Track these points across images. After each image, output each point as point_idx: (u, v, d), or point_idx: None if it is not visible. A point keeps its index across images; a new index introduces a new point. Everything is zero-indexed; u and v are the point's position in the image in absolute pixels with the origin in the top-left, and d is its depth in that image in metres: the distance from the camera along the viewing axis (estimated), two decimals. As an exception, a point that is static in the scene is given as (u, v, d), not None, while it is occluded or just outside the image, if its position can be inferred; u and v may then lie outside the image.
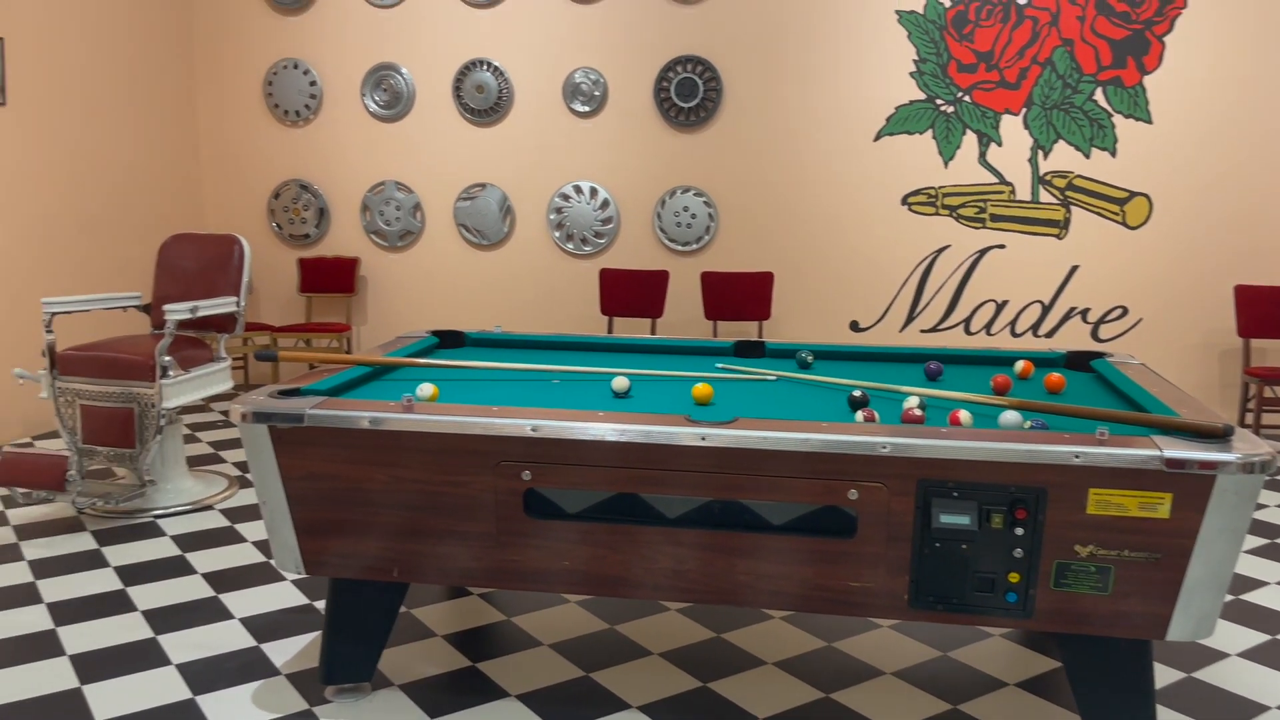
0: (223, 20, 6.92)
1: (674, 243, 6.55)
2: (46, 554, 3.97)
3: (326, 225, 7.00)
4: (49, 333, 4.41)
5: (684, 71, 6.35)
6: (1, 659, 3.09)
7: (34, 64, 5.65)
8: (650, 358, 3.60)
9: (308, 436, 2.58)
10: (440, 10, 6.63)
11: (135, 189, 6.47)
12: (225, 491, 4.75)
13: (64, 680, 2.96)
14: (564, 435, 2.45)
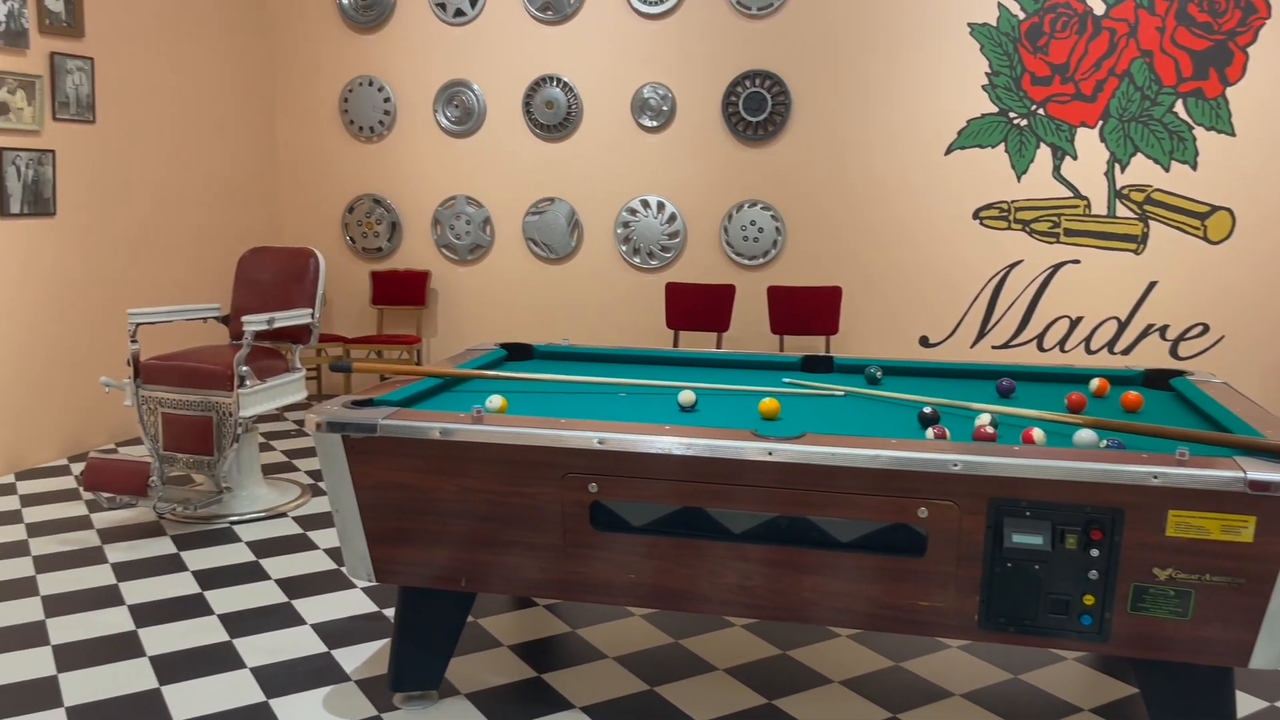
0: (302, 39, 7.10)
1: (740, 256, 6.54)
2: (129, 557, 4.09)
3: (398, 239, 7.13)
4: (134, 343, 4.56)
5: (752, 86, 6.35)
6: (86, 658, 3.19)
7: (122, 84, 5.86)
8: (716, 372, 3.59)
9: (380, 446, 2.63)
10: (511, 27, 6.73)
11: (216, 204, 6.66)
12: (298, 499, 4.85)
13: (144, 680, 3.05)
14: (630, 448, 2.46)
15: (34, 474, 5.27)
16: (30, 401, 5.39)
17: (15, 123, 5.18)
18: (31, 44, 5.26)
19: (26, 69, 5.24)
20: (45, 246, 5.42)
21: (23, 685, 3.01)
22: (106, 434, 5.92)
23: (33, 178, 5.29)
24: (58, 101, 5.42)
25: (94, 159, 5.70)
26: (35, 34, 5.28)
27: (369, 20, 6.92)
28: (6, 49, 5.12)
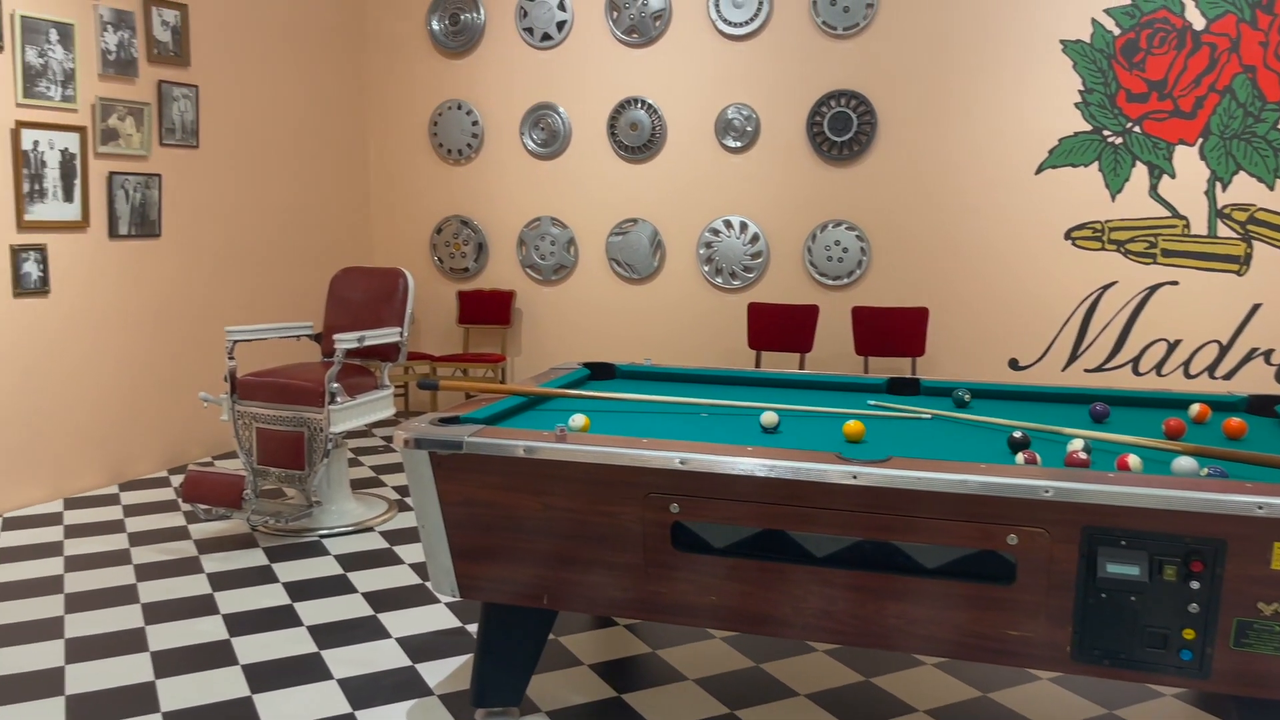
0: (393, 65, 7.29)
1: (824, 277, 6.49)
2: (223, 568, 4.22)
3: (485, 259, 7.25)
4: (231, 359, 4.71)
5: (838, 105, 6.31)
6: (182, 665, 3.29)
7: (223, 110, 6.09)
8: (799, 393, 3.57)
9: (466, 463, 2.67)
10: (597, 51, 6.81)
11: (310, 225, 6.86)
12: (385, 514, 4.94)
13: (236, 688, 3.13)
14: (712, 469, 2.46)
15: (136, 485, 5.47)
16: (133, 415, 5.60)
17: (125, 148, 5.41)
18: (141, 73, 5.50)
19: (136, 97, 5.48)
20: (150, 266, 5.64)
21: (123, 690, 3.12)
22: (204, 447, 6.12)
23: (140, 200, 5.52)
24: (164, 128, 5.66)
25: (196, 182, 5.93)
26: (144, 63, 5.52)
27: (459, 45, 7.08)
28: (117, 78, 5.37)
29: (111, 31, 5.30)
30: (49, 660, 3.32)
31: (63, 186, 5.10)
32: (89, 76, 5.21)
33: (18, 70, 4.84)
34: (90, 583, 4.02)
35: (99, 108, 5.24)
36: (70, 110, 5.11)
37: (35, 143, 4.94)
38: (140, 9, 5.47)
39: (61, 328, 5.17)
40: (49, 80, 4.98)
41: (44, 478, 5.13)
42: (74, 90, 5.11)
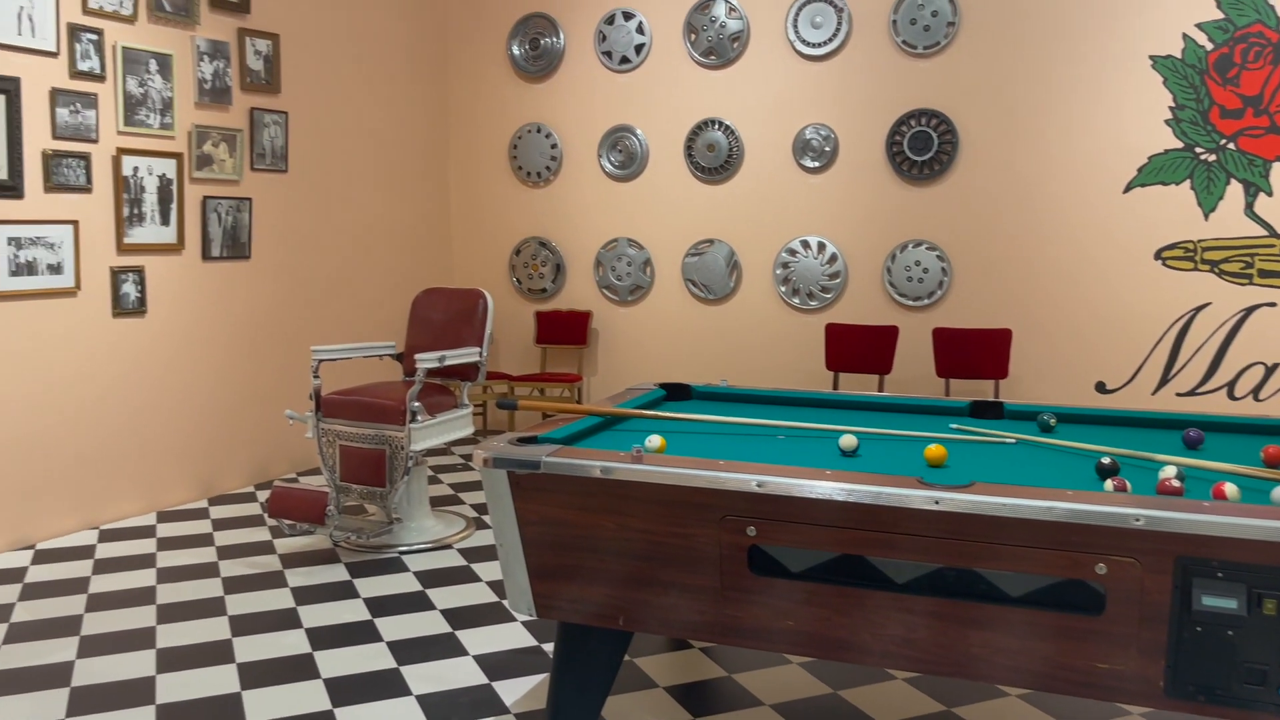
0: (475, 89, 7.43)
1: (904, 297, 6.40)
2: (306, 582, 4.31)
3: (562, 280, 7.32)
4: (316, 378, 4.83)
5: (918, 125, 6.24)
6: (267, 678, 3.37)
7: (311, 136, 6.27)
8: (879, 415, 3.52)
9: (543, 483, 2.69)
10: (675, 73, 6.85)
11: (393, 246, 7.01)
12: (463, 532, 5.00)
13: (319, 702, 3.19)
14: (790, 492, 2.43)
15: (224, 500, 5.63)
16: (223, 431, 5.77)
17: (218, 173, 5.60)
18: (234, 101, 5.69)
19: (229, 123, 5.67)
20: (240, 287, 5.82)
21: (211, 701, 3.20)
22: (289, 463, 6.27)
23: (231, 223, 5.71)
24: (255, 153, 5.84)
25: (285, 206, 6.10)
26: (237, 91, 5.72)
27: (539, 70, 7.18)
28: (212, 106, 5.56)
29: (207, 61, 5.50)
30: (141, 669, 3.42)
31: (160, 210, 5.29)
32: (185, 104, 5.41)
33: (119, 99, 5.05)
34: (181, 594, 4.14)
35: (194, 134, 5.44)
36: (168, 137, 5.31)
37: (135, 169, 5.14)
38: (235, 39, 5.67)
39: (157, 346, 5.35)
40: (148, 109, 5.19)
41: (139, 491, 5.31)
42: (171, 118, 5.31)
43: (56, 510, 4.90)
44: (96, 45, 4.92)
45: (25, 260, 4.67)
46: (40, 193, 4.73)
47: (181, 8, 5.33)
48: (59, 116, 4.78)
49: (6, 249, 4.58)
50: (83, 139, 4.90)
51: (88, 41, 4.87)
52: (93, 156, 4.95)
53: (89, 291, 5.00)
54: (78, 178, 4.88)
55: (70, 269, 4.87)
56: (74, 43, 4.82)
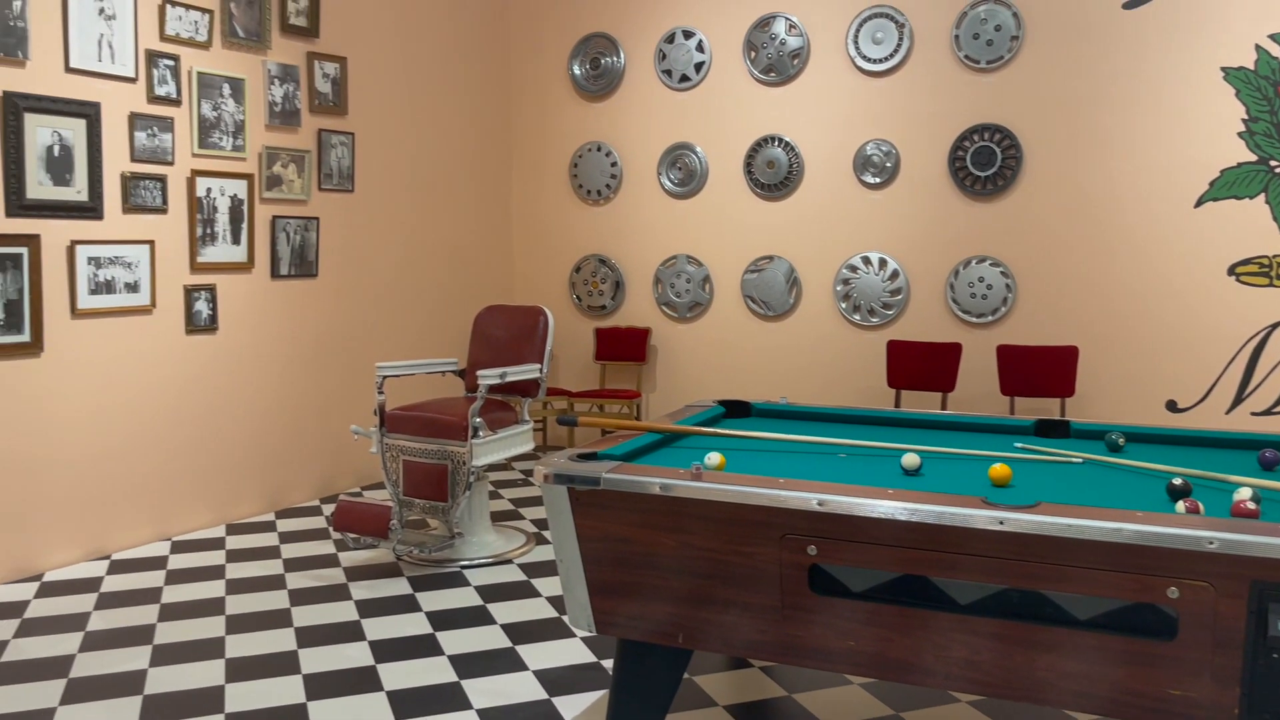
0: (538, 109, 7.52)
1: (967, 314, 6.32)
2: (370, 595, 4.37)
3: (621, 297, 7.36)
4: (380, 394, 4.91)
5: (981, 140, 6.18)
6: (331, 689, 3.42)
7: (377, 156, 6.39)
8: (942, 434, 3.48)
9: (603, 499, 2.70)
10: (735, 91, 6.87)
11: (456, 264, 7.11)
12: (523, 547, 5.04)
13: (382, 714, 3.24)
14: (851, 511, 2.42)
15: (291, 513, 5.74)
16: (290, 446, 5.89)
17: (287, 193, 5.74)
18: (303, 123, 5.83)
19: (298, 145, 5.81)
20: (307, 304, 5.95)
21: (277, 711, 3.26)
22: (354, 478, 6.37)
23: (299, 242, 5.84)
24: (323, 173, 5.98)
25: (351, 224, 6.23)
26: (306, 113, 5.86)
27: (599, 89, 7.25)
28: (282, 128, 5.71)
29: (278, 85, 5.64)
30: (211, 679, 3.50)
31: (231, 230, 5.44)
32: (256, 127, 5.56)
33: (194, 123, 5.20)
34: (249, 605, 4.23)
35: (265, 156, 5.58)
36: (239, 159, 5.46)
37: (208, 190, 5.29)
38: (304, 63, 5.81)
39: (227, 363, 5.49)
40: (221, 131, 5.34)
41: (209, 504, 5.43)
42: (243, 140, 5.46)
43: (131, 521, 5.04)
44: (173, 71, 5.08)
45: (104, 279, 4.82)
46: (119, 214, 4.89)
47: (254, 33, 5.48)
48: (137, 140, 4.94)
49: (86, 268, 4.74)
50: (159, 161, 5.05)
51: (165, 67, 5.04)
52: (168, 178, 5.11)
53: (163, 309, 5.14)
54: (154, 199, 5.03)
55: (146, 287, 5.02)
56: (152, 69, 4.98)
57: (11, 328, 4.46)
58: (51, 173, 4.58)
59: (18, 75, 4.44)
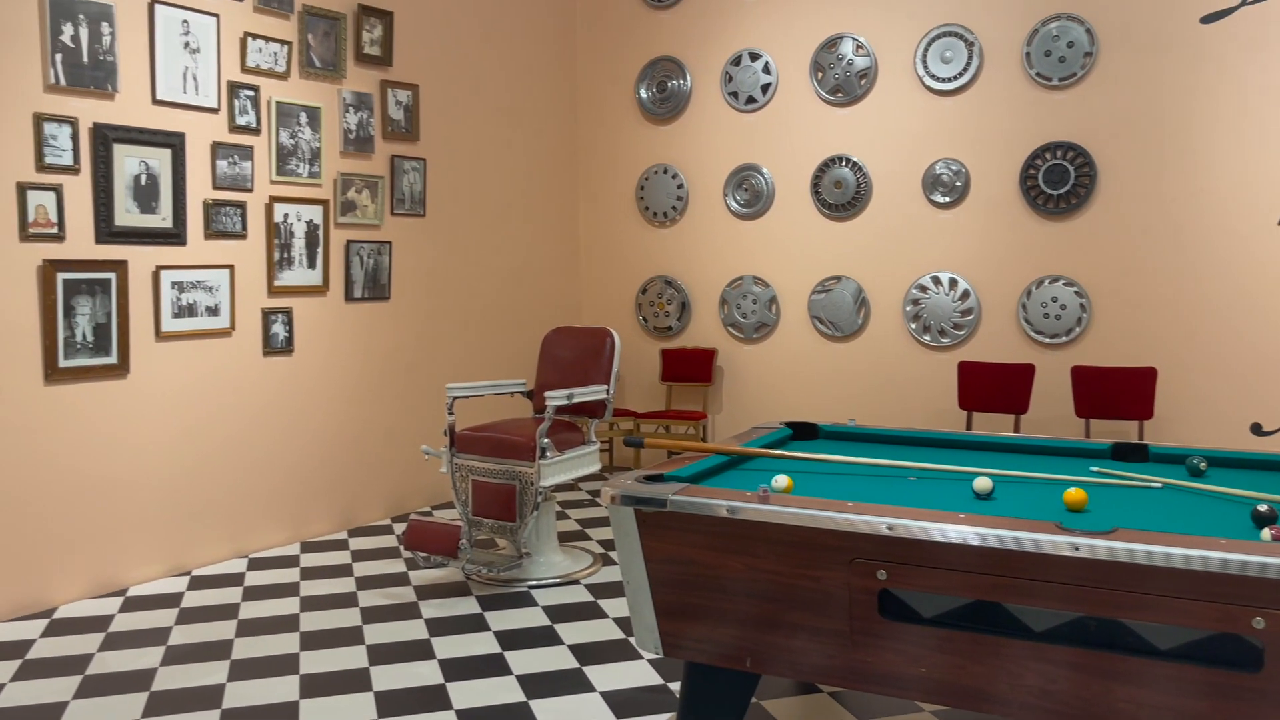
0: (605, 133, 7.60)
1: (1040, 335, 6.20)
2: (439, 614, 4.42)
3: (687, 318, 7.37)
4: (450, 414, 4.98)
5: (1053, 158, 6.08)
6: (402, 707, 3.47)
7: (447, 181, 6.51)
8: (1014, 457, 3.42)
9: (670, 521, 2.71)
10: (801, 111, 6.86)
11: (524, 286, 7.20)
12: (590, 568, 5.05)
13: (450, 732, 3.27)
14: (921, 536, 2.39)
15: (363, 531, 5.84)
16: (362, 465, 6.00)
17: (361, 218, 5.87)
18: (376, 149, 5.97)
19: (371, 170, 5.95)
20: (380, 327, 6.07)
21: (349, 726, 3.31)
22: (425, 497, 6.46)
23: (373, 266, 5.97)
24: (395, 198, 6.11)
25: (422, 248, 6.34)
26: (379, 140, 5.99)
27: (665, 112, 7.30)
28: (356, 154, 5.85)
29: (352, 112, 5.79)
30: (286, 694, 3.57)
31: (307, 254, 5.58)
32: (332, 154, 5.71)
33: (272, 150, 5.36)
34: (322, 623, 4.31)
35: (339, 182, 5.72)
36: (315, 185, 5.61)
37: (285, 215, 5.44)
38: (377, 91, 5.96)
39: (302, 384, 5.62)
40: (298, 158, 5.49)
41: (285, 522, 5.56)
42: (319, 167, 5.60)
43: (211, 538, 5.18)
44: (253, 101, 5.24)
45: (186, 303, 4.98)
46: (201, 239, 5.05)
47: (330, 63, 5.63)
48: (219, 168, 5.10)
49: (170, 292, 4.90)
50: (239, 188, 5.21)
51: (245, 98, 5.20)
52: (248, 205, 5.26)
53: (242, 331, 5.29)
54: (234, 225, 5.19)
55: (226, 310, 5.17)
56: (233, 99, 5.15)
57: (100, 350, 4.63)
58: (138, 201, 4.75)
59: (107, 107, 4.62)
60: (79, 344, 4.55)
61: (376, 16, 5.88)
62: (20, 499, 4.40)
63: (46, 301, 4.42)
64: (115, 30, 4.61)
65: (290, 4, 5.39)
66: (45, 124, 4.39)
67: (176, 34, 4.86)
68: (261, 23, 5.28)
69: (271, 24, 5.33)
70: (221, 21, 5.08)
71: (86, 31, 4.51)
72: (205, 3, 5.01)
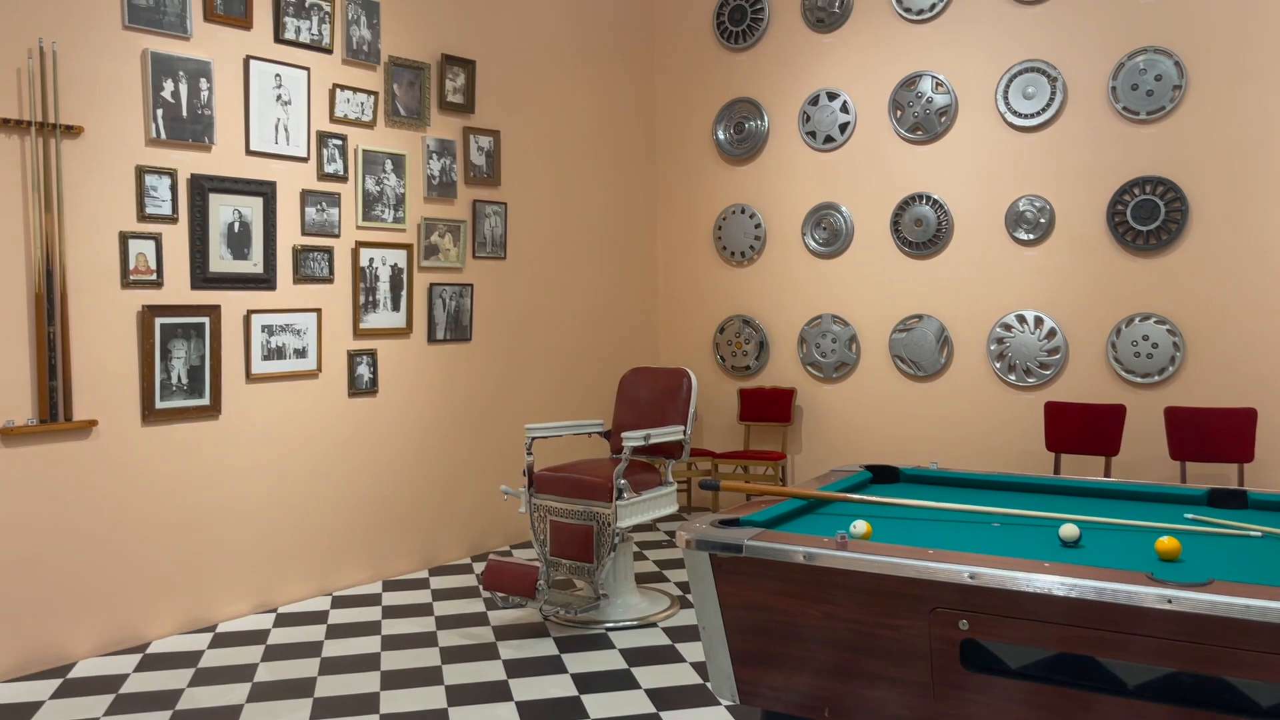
0: (682, 174, 7.65)
1: (1131, 374, 6.02)
2: (517, 655, 4.44)
3: (766, 357, 7.33)
4: (529, 454, 5.02)
5: (1141, 193, 5.93)
6: (478, 747, 3.48)
7: (527, 223, 6.62)
8: (1103, 503, 3.31)
9: (745, 567, 2.68)
10: (881, 149, 6.82)
11: (602, 326, 7.25)
12: (668, 610, 5.02)
13: (526, 775, 3.26)
14: (1005, 585, 2.32)
15: (444, 570, 5.90)
16: (443, 504, 6.08)
17: (443, 261, 6.00)
18: (458, 194, 6.10)
19: (454, 215, 6.08)
20: (461, 367, 6.17)
21: (427, 766, 3.33)
22: (504, 536, 6.51)
23: (454, 308, 6.08)
24: (476, 241, 6.23)
25: (503, 290, 6.45)
26: (461, 185, 6.13)
27: (743, 152, 7.32)
28: (439, 199, 5.99)
29: (436, 159, 5.93)
30: (365, 733, 3.61)
31: (391, 297, 5.71)
32: (415, 199, 5.85)
33: (358, 197, 5.52)
34: (402, 662, 4.35)
35: (423, 226, 5.86)
36: (399, 230, 5.75)
37: (370, 260, 5.58)
38: (460, 137, 6.10)
39: (386, 424, 5.73)
40: (383, 204, 5.64)
41: (368, 560, 5.65)
42: (403, 212, 5.75)
43: (297, 576, 5.29)
44: (340, 149, 5.41)
45: (275, 345, 5.13)
46: (290, 284, 5.21)
47: (414, 111, 5.79)
48: (307, 215, 5.27)
49: (260, 335, 5.05)
50: (327, 234, 5.37)
51: (333, 147, 5.37)
52: (335, 250, 5.42)
53: (328, 373, 5.43)
54: (321, 269, 5.34)
55: (313, 353, 5.31)
56: (322, 148, 5.32)
57: (194, 392, 4.79)
58: (231, 247, 4.93)
59: (204, 159, 4.82)
60: (174, 386, 4.72)
61: (459, 66, 6.04)
62: (118, 537, 4.56)
63: (145, 345, 4.60)
64: (213, 85, 4.82)
65: (377, 55, 5.57)
66: (146, 176, 4.59)
67: (270, 87, 5.06)
68: (350, 74, 5.47)
69: (359, 75, 5.52)
70: (312, 74, 5.27)
71: (186, 87, 4.72)
72: (297, 56, 5.20)
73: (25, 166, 4.24)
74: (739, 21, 7.31)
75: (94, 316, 4.46)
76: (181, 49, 4.72)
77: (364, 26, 5.50)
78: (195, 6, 4.77)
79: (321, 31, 5.29)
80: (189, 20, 4.73)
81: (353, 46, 5.45)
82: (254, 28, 5.01)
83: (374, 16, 5.55)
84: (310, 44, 5.24)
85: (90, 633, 4.47)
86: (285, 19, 5.12)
